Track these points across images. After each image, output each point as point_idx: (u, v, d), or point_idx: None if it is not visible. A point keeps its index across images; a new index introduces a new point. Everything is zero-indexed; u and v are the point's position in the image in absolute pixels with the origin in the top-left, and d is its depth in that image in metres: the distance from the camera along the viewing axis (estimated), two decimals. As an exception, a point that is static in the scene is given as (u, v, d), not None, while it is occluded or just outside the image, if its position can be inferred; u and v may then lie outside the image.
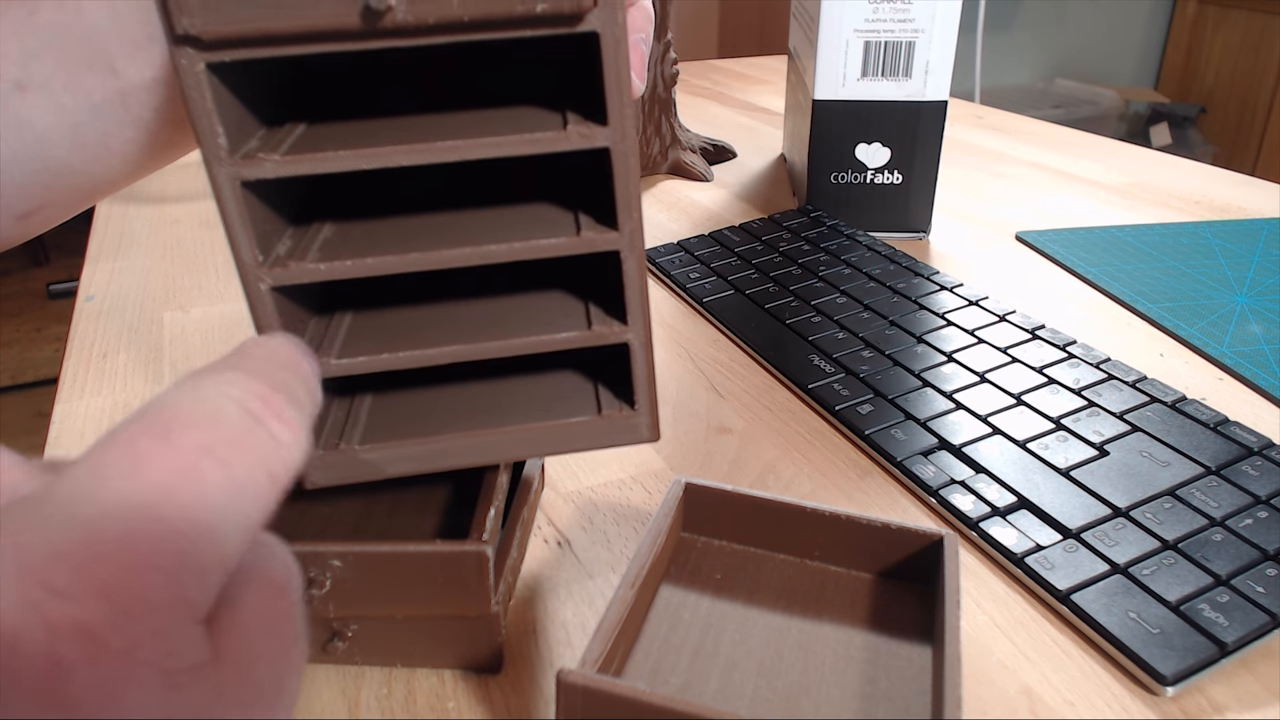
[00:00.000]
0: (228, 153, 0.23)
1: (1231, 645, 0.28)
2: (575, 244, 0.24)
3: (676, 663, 0.25)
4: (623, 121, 0.23)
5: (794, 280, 0.52)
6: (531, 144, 0.23)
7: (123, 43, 0.37)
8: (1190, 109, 2.60)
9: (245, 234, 0.24)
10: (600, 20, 0.22)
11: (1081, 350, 0.43)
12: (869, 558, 0.28)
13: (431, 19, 0.21)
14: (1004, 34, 2.51)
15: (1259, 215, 0.65)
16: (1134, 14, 2.70)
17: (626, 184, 0.24)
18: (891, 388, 0.41)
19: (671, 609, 0.27)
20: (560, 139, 0.23)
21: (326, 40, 0.21)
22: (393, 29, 0.21)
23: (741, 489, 0.29)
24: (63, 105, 0.37)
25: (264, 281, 0.24)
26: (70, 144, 0.38)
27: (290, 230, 0.26)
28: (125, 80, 0.37)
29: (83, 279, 0.57)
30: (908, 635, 0.26)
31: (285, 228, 0.26)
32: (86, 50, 0.37)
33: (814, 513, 0.28)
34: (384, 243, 0.25)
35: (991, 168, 0.76)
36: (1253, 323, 0.49)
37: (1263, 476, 0.34)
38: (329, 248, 0.25)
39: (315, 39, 0.21)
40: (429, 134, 0.23)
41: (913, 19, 0.55)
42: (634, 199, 0.24)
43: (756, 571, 0.28)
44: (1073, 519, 0.32)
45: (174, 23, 0.21)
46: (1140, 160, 0.79)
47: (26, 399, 1.93)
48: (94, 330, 0.50)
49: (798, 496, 0.36)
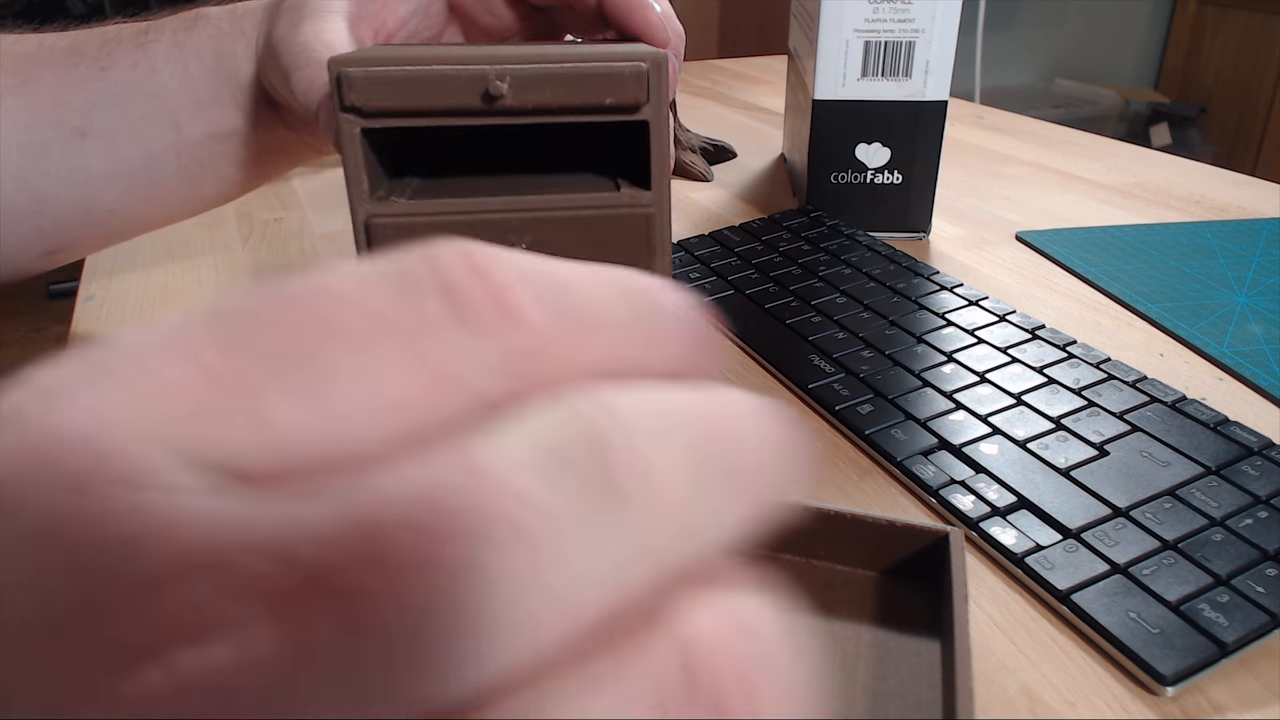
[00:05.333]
0: (368, 194, 0.29)
1: (1231, 645, 0.28)
2: (612, 199, 0.30)
3: None
4: (661, 191, 0.30)
5: (794, 280, 0.52)
6: (598, 202, 0.30)
7: (188, 103, 0.40)
8: (1190, 109, 2.60)
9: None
10: (650, 112, 0.29)
11: (1081, 350, 0.43)
12: (874, 556, 0.28)
13: (531, 104, 0.28)
14: (1004, 34, 2.51)
15: (1259, 215, 0.65)
16: (1134, 14, 2.70)
17: (665, 242, 0.30)
18: (891, 388, 0.41)
19: None
20: (616, 199, 0.30)
21: (452, 116, 0.28)
22: (502, 110, 0.28)
23: None
24: (121, 154, 0.40)
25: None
26: (121, 189, 0.41)
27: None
28: (184, 135, 0.41)
29: (83, 279, 0.57)
30: (915, 631, 0.26)
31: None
32: (153, 106, 0.40)
33: (818, 512, 0.28)
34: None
35: (991, 168, 0.76)
36: (1253, 323, 0.49)
37: (1263, 476, 0.34)
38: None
39: (444, 115, 0.28)
40: (523, 186, 0.31)
41: (913, 19, 0.55)
42: (666, 249, 0.31)
43: (762, 571, 0.28)
44: (1073, 519, 0.32)
45: (344, 96, 0.27)
46: (1140, 160, 0.79)
47: (26, 399, 1.92)
48: (94, 330, 0.50)
49: (798, 496, 0.36)
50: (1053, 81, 2.66)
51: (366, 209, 0.29)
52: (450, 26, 0.41)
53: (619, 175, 0.32)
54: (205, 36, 0.39)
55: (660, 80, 0.29)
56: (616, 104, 0.28)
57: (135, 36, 0.40)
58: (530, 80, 0.27)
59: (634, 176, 0.31)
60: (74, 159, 0.40)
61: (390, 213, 0.29)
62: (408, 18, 0.39)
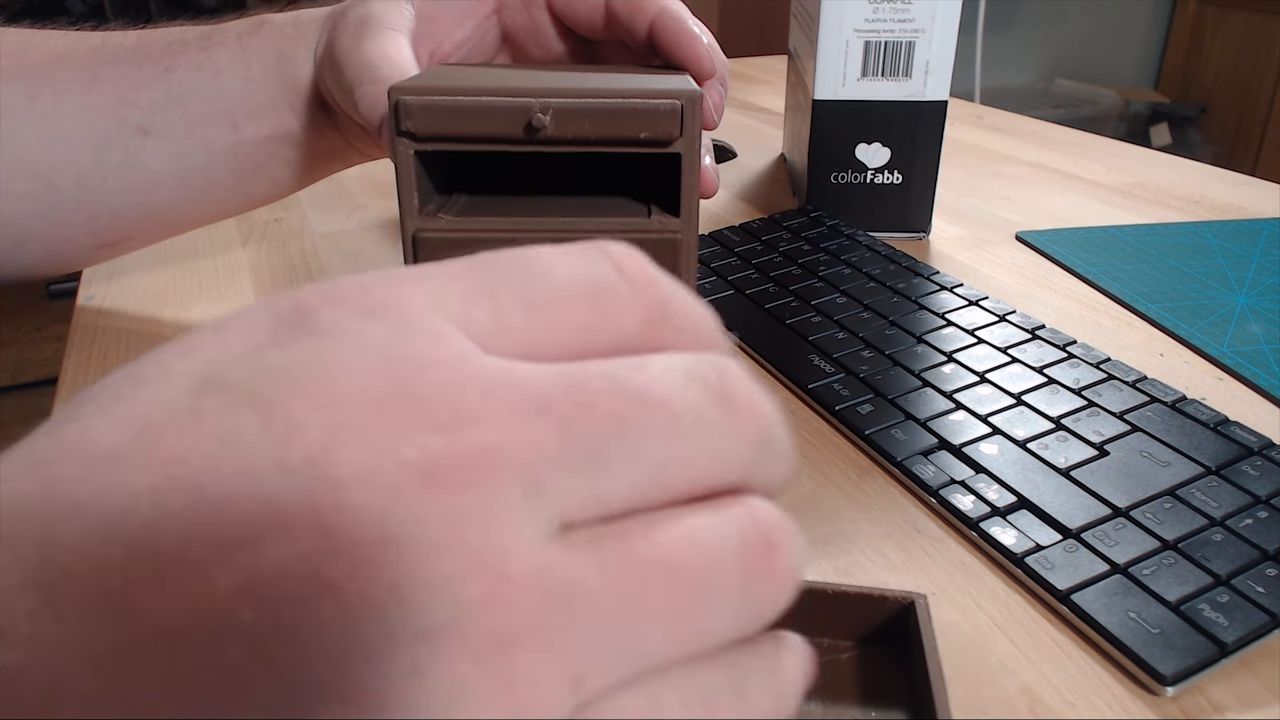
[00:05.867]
0: (418, 210, 0.31)
1: (1231, 645, 0.28)
2: (642, 224, 0.33)
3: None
4: (690, 218, 0.32)
5: (794, 280, 0.52)
6: (630, 226, 0.32)
7: (249, 105, 0.41)
8: (1190, 109, 2.60)
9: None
10: (682, 146, 0.31)
11: (1081, 350, 0.43)
12: (846, 627, 0.27)
13: (570, 135, 0.30)
14: (1004, 34, 2.51)
15: (1259, 215, 0.65)
16: (1134, 14, 2.70)
17: (690, 264, 0.32)
18: (891, 388, 0.41)
19: None
20: (647, 224, 0.32)
21: (497, 143, 0.30)
22: (544, 139, 0.30)
23: None
24: (181, 152, 0.42)
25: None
26: (178, 186, 0.43)
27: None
28: (242, 135, 0.42)
29: (82, 279, 0.57)
30: (898, 705, 0.26)
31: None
32: (215, 107, 0.41)
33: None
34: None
35: (991, 168, 0.76)
36: (1253, 323, 0.49)
37: (1263, 476, 0.34)
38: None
39: (490, 141, 0.30)
40: (564, 209, 0.33)
41: (913, 19, 0.55)
42: (692, 270, 0.33)
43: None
44: (1073, 519, 0.32)
45: (400, 121, 0.30)
46: (1140, 160, 0.79)
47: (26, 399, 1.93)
48: (94, 330, 0.50)
49: (798, 497, 0.36)
50: (1053, 81, 2.66)
51: (415, 223, 0.31)
52: (501, 54, 0.43)
53: (652, 200, 0.34)
54: (269, 40, 0.41)
55: (694, 116, 0.30)
56: (651, 138, 0.30)
57: (200, 40, 0.41)
58: (571, 114, 0.30)
59: (665, 203, 0.33)
60: (135, 156, 0.41)
61: (436, 228, 0.31)
62: (462, 42, 0.41)
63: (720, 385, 0.14)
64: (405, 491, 0.12)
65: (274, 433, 0.12)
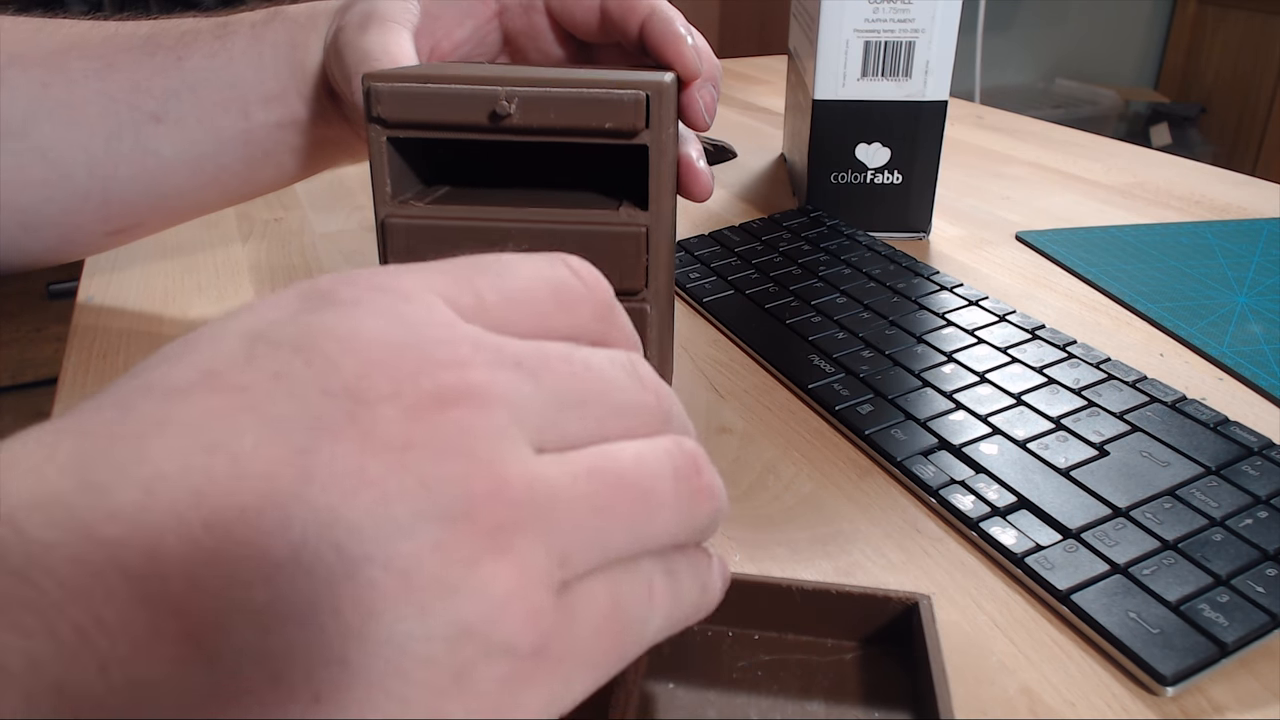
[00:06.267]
0: (390, 197, 0.32)
1: (1231, 645, 0.28)
2: (612, 215, 0.33)
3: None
4: (659, 210, 0.32)
5: (794, 280, 0.52)
6: (595, 218, 0.32)
7: (260, 93, 0.42)
8: (1190, 109, 2.60)
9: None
10: (650, 137, 0.31)
11: (1081, 350, 0.43)
12: (849, 627, 0.27)
13: (536, 124, 0.30)
14: (1004, 34, 2.51)
15: (1259, 215, 0.65)
16: (1134, 14, 2.70)
17: (658, 254, 0.33)
18: (891, 388, 0.41)
19: (647, 710, 0.25)
20: (614, 216, 0.32)
21: (464, 131, 0.31)
22: (509, 128, 0.31)
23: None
24: (192, 139, 0.42)
25: None
26: (188, 173, 0.43)
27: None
28: (253, 122, 0.43)
29: (83, 279, 0.57)
30: (901, 706, 0.25)
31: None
32: (228, 95, 0.42)
33: (786, 588, 0.27)
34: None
35: (991, 168, 0.76)
36: (1253, 323, 0.49)
37: (1263, 476, 0.34)
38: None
39: (457, 129, 0.31)
40: (535, 200, 0.34)
41: (913, 19, 0.55)
42: (669, 263, 0.34)
43: (736, 653, 0.27)
44: (1073, 519, 0.32)
45: (371, 107, 0.30)
46: (1140, 160, 0.79)
47: (26, 399, 1.93)
48: (94, 330, 0.50)
49: (798, 497, 0.36)
50: (1053, 81, 2.66)
51: (386, 209, 0.32)
52: (502, 58, 0.43)
53: (627, 194, 0.34)
54: (282, 28, 0.42)
55: (662, 108, 0.31)
56: (615, 129, 0.31)
57: (214, 29, 0.42)
58: (535, 102, 0.30)
59: (636, 197, 0.33)
60: (146, 143, 0.42)
61: (405, 214, 0.32)
62: (462, 42, 0.41)
63: (641, 376, 0.19)
64: (422, 410, 0.15)
65: (316, 369, 0.15)
